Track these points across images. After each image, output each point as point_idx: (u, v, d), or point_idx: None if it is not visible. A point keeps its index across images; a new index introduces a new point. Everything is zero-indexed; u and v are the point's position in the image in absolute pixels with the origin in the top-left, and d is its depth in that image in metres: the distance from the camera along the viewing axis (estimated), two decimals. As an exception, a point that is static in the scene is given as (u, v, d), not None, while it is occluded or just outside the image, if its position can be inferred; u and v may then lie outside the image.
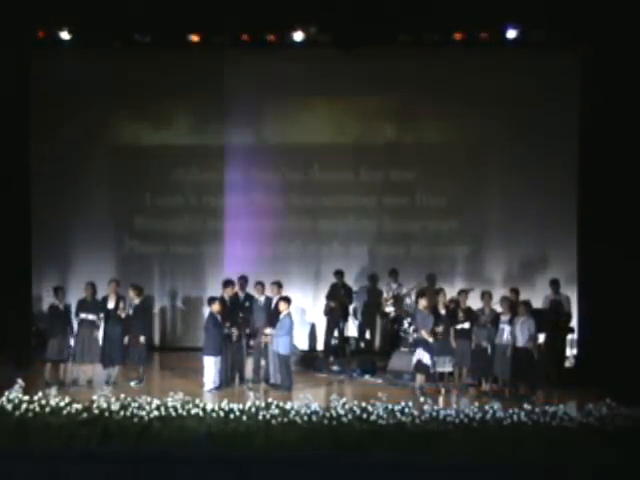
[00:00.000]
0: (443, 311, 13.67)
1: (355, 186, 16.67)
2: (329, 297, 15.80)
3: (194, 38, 15.51)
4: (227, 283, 14.12)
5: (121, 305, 13.79)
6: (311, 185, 16.73)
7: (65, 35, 15.08)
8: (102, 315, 13.84)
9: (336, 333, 15.78)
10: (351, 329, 16.06)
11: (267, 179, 16.68)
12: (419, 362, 13.29)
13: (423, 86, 16.14)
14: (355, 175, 16.70)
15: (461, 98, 16.04)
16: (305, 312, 16.53)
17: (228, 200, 16.71)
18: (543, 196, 16.04)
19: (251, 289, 14.48)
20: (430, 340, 13.23)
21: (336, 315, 15.70)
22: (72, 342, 13.92)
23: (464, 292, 13.98)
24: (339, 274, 15.78)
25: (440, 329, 13.40)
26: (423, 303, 13.53)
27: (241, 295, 14.33)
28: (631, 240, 14.33)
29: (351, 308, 15.93)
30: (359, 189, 16.66)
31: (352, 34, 15.08)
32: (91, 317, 13.77)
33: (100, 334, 13.92)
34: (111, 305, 13.82)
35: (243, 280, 14.50)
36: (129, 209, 16.86)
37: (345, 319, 15.79)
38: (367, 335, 16.36)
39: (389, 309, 15.49)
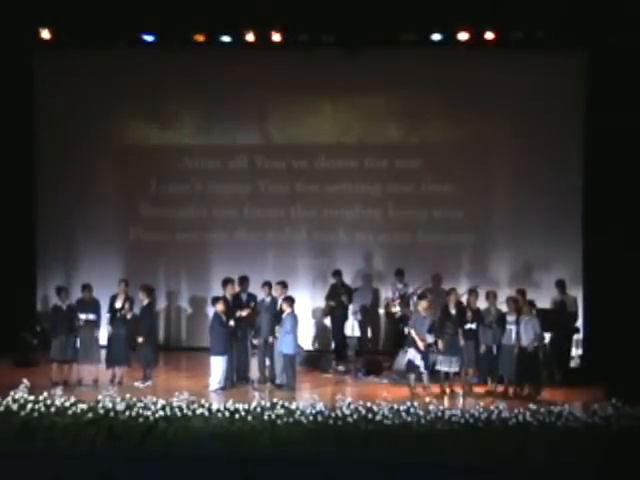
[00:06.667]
0: (453, 311, 13.61)
1: (360, 174, 16.67)
2: (329, 297, 15.79)
3: (199, 38, 15.55)
4: (226, 282, 14.07)
5: (127, 306, 13.80)
6: (316, 173, 16.74)
7: (68, 35, 15.16)
8: (108, 315, 13.87)
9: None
10: (354, 329, 16.00)
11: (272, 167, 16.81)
12: (410, 362, 13.30)
13: (426, 86, 16.14)
14: (360, 163, 16.70)
15: (465, 98, 16.02)
16: (310, 312, 16.53)
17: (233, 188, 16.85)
18: (548, 196, 15.98)
19: (254, 289, 14.46)
20: (420, 345, 13.21)
21: (338, 315, 15.67)
22: (77, 342, 13.97)
23: (474, 292, 13.91)
24: (338, 274, 15.77)
25: (431, 340, 13.37)
26: (423, 305, 13.49)
27: (243, 295, 14.31)
28: (636, 240, 14.34)
29: (351, 307, 15.85)
30: (364, 177, 16.67)
31: (356, 34, 15.13)
32: (90, 317, 13.79)
33: (100, 334, 13.96)
34: (118, 305, 13.84)
35: (244, 280, 14.47)
36: (134, 203, 16.88)
37: (345, 318, 15.74)
38: (369, 335, 16.35)
39: (395, 309, 15.47)
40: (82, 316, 13.78)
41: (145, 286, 14.13)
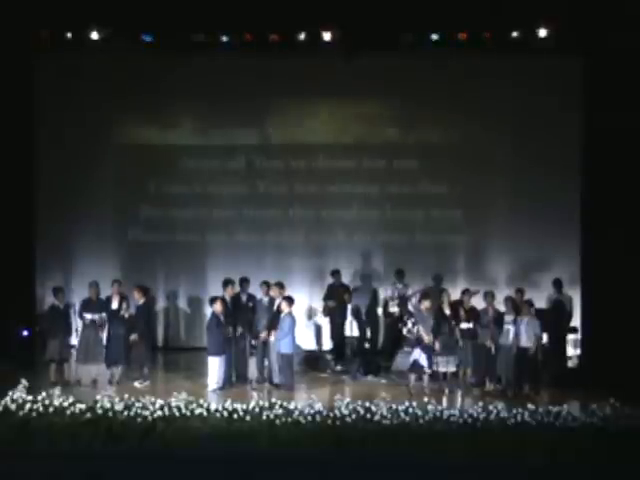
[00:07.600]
0: (447, 311, 13.65)
1: (358, 174, 16.69)
2: (326, 298, 15.78)
3: (198, 38, 15.55)
4: (226, 283, 14.10)
5: (124, 306, 13.80)
6: (314, 173, 16.75)
7: (68, 35, 15.17)
8: (105, 315, 13.85)
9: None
10: (352, 329, 16.00)
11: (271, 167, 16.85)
12: (415, 362, 13.31)
13: (425, 87, 16.17)
14: (358, 164, 16.72)
15: (463, 99, 16.07)
16: (309, 312, 16.54)
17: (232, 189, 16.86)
18: (546, 196, 16.01)
19: (253, 289, 14.47)
20: (426, 341, 13.23)
21: (337, 315, 15.66)
22: (74, 342, 13.95)
23: (468, 292, 13.96)
24: (336, 273, 15.77)
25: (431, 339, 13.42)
26: (426, 304, 13.52)
27: (243, 296, 14.32)
28: (634, 240, 14.35)
29: (349, 307, 15.84)
30: (362, 177, 16.68)
31: (355, 35, 15.14)
32: (96, 317, 13.79)
33: (104, 334, 13.94)
34: (115, 305, 13.84)
35: (245, 281, 14.47)
36: (134, 202, 16.85)
37: (344, 318, 15.73)
38: (369, 335, 16.34)
39: (394, 309, 15.47)
40: (88, 316, 13.77)
41: (140, 286, 14.15)
